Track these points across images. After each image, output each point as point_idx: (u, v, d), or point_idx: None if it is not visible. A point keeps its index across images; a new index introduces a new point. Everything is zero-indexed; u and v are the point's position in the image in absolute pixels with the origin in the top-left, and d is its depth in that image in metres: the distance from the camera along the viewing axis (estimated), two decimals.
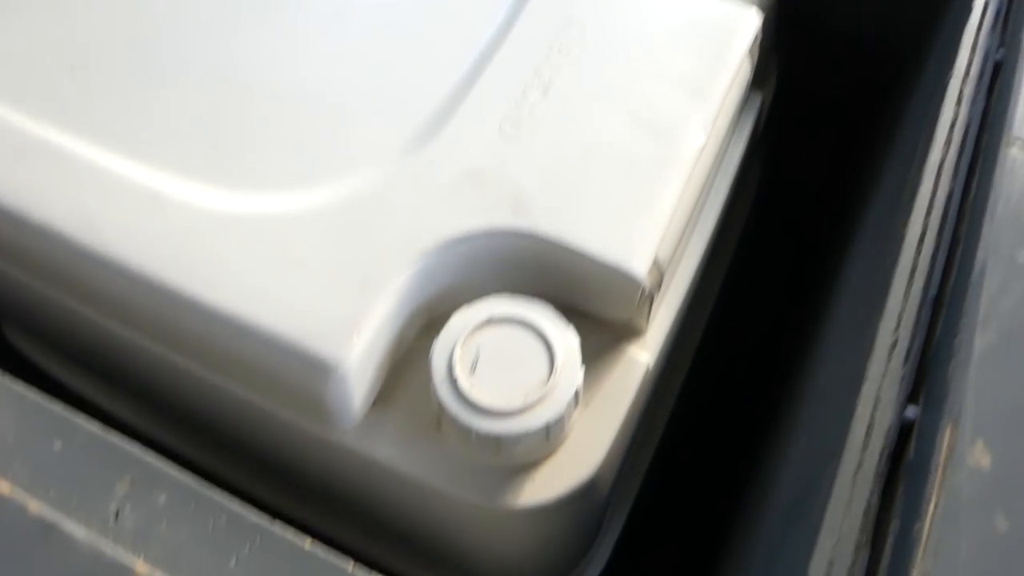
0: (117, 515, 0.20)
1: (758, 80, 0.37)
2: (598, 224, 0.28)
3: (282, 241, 0.27)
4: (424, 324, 0.29)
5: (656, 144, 0.29)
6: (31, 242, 0.29)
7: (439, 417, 0.27)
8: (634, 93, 0.30)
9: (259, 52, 0.32)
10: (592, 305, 0.29)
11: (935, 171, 0.26)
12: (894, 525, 0.20)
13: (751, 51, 0.33)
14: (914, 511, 0.19)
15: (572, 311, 0.29)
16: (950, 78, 0.28)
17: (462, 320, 0.27)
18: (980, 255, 0.22)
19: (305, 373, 0.26)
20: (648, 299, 0.28)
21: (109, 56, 0.32)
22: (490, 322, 0.27)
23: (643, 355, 0.30)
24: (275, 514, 0.21)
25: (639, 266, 0.27)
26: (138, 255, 0.27)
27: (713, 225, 0.34)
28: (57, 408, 0.21)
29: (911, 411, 0.22)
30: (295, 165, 0.29)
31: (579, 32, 0.32)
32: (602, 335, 0.30)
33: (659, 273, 0.28)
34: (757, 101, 0.37)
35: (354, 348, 0.26)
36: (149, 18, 0.33)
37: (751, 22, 0.33)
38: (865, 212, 0.36)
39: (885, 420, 0.22)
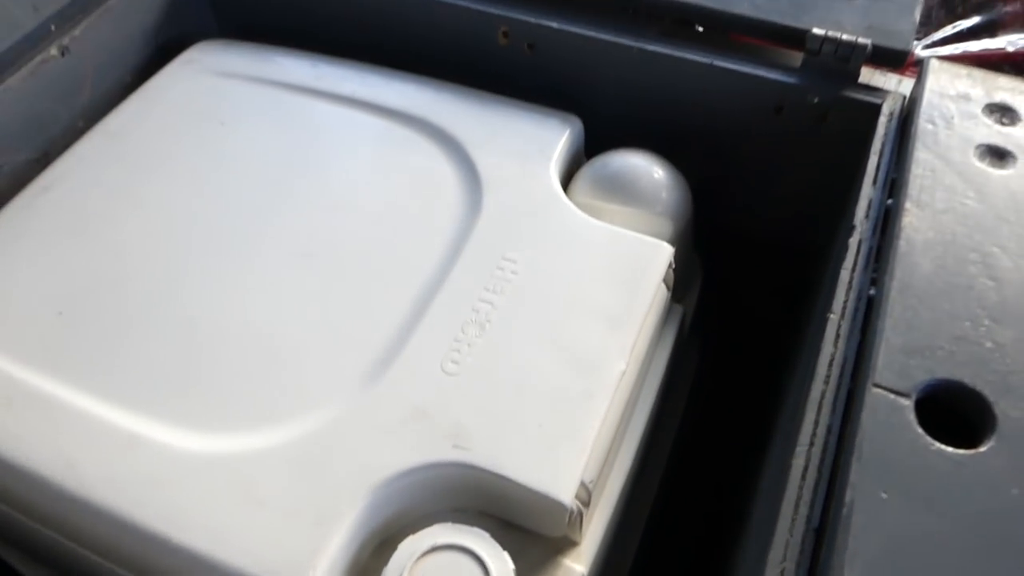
0: None
1: (679, 294, 0.42)
2: (528, 454, 0.31)
3: (243, 480, 0.30)
4: (377, 544, 0.32)
5: (579, 375, 0.33)
6: (13, 483, 0.32)
7: None
8: (560, 327, 0.34)
9: (222, 300, 0.36)
10: (528, 523, 0.32)
11: (816, 405, 0.30)
12: None
13: (665, 279, 0.37)
14: None
15: (513, 525, 0.32)
16: (830, 314, 0.32)
17: (408, 550, 0.30)
18: (849, 494, 0.26)
19: None
20: (578, 517, 0.32)
21: (92, 303, 0.36)
22: (433, 550, 0.30)
23: (577, 566, 0.32)
24: None
25: (565, 492, 0.30)
26: (112, 496, 0.30)
27: (642, 431, 0.38)
28: None
29: None
30: (255, 406, 0.32)
31: (512, 271, 0.36)
32: (540, 547, 0.33)
33: (587, 493, 0.32)
34: (679, 312, 0.41)
35: None
36: (127, 267, 0.37)
37: (663, 254, 0.37)
38: (777, 421, 0.39)
39: None
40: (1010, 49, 0.61)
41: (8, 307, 0.36)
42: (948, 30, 0.65)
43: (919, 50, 0.64)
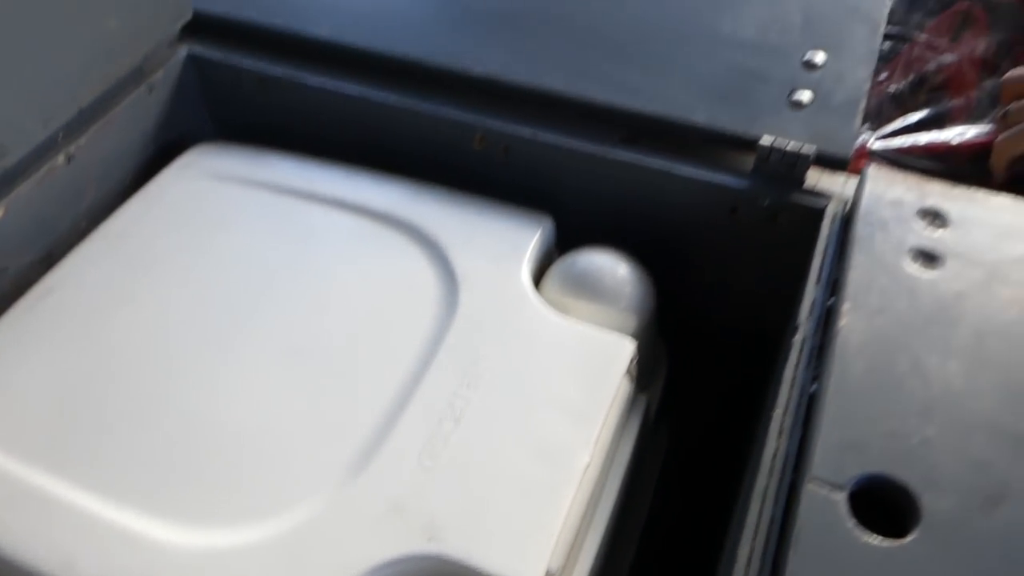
0: None
1: (644, 383, 0.45)
2: (497, 545, 0.33)
3: (232, 574, 0.33)
4: None
5: (546, 467, 0.36)
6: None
7: None
8: (528, 422, 0.37)
9: (213, 398, 0.38)
10: None
11: (760, 497, 0.32)
12: None
13: (628, 371, 0.40)
14: None
15: None
16: (774, 410, 0.35)
17: None
18: None
19: None
20: None
21: (91, 402, 0.38)
22: None
23: None
24: None
25: None
26: None
27: (608, 518, 0.40)
28: None
29: None
30: (245, 502, 0.35)
31: (485, 367, 0.39)
32: None
33: None
34: (643, 402, 0.44)
35: None
36: (124, 367, 0.40)
37: (626, 350, 0.40)
38: (734, 511, 0.42)
39: None
40: (956, 141, 0.65)
41: (12, 406, 0.38)
42: (898, 123, 0.69)
43: (872, 142, 0.68)
